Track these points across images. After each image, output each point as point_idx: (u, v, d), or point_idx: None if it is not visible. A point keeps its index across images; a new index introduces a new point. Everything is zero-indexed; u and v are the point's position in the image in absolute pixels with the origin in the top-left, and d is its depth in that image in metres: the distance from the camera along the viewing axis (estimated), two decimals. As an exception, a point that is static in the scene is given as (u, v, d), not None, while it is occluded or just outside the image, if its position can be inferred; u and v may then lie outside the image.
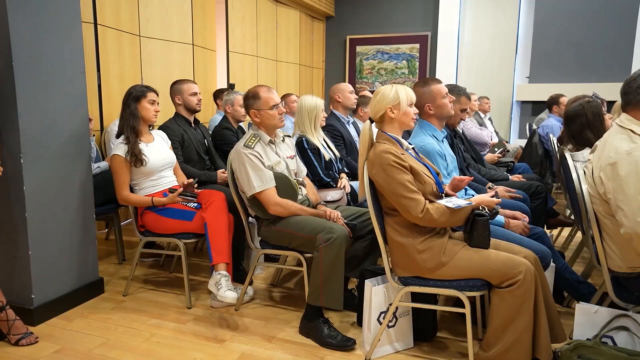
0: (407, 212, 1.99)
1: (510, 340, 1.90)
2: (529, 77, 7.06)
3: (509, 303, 1.90)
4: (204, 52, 5.15)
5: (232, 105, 3.69)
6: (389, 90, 2.13)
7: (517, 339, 1.90)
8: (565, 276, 2.52)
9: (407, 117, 2.15)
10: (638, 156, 1.79)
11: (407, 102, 2.14)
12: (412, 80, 7.57)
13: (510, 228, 2.35)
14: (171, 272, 3.27)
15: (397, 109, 2.12)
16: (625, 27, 6.42)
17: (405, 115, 2.14)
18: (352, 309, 2.61)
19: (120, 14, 4.10)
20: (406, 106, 2.14)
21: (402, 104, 2.12)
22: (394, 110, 2.12)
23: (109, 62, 4.01)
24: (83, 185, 2.75)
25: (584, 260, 3.38)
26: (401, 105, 2.12)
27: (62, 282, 2.66)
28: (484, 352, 1.98)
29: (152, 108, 2.78)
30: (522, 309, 1.90)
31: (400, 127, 2.17)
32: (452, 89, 2.96)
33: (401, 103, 2.12)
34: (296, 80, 7.18)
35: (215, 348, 2.30)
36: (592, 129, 2.84)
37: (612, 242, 1.97)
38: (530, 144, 4.57)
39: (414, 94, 2.18)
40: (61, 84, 2.58)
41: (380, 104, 2.13)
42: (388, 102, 2.12)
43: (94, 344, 2.32)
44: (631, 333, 1.92)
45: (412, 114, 2.16)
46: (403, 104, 2.13)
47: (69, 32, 2.60)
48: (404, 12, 7.55)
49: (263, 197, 2.47)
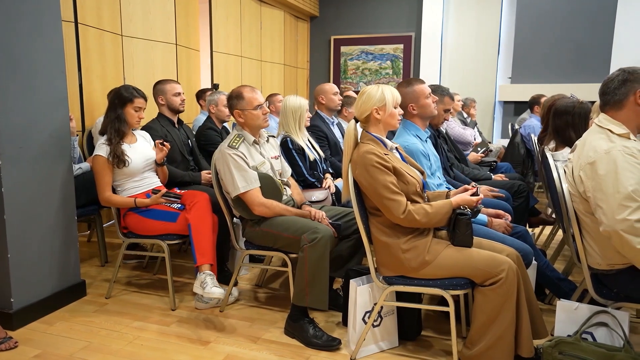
0: (389, 212, 2.00)
1: (494, 337, 1.92)
2: (511, 77, 7.15)
3: (492, 301, 1.93)
4: (187, 52, 5.11)
5: (216, 105, 3.67)
6: (375, 91, 2.12)
7: (500, 336, 1.92)
8: (546, 274, 2.56)
9: (392, 119, 2.16)
10: (616, 155, 1.83)
11: (393, 104, 2.14)
12: (396, 81, 7.61)
13: (493, 227, 2.38)
14: (155, 274, 3.24)
15: (383, 110, 2.13)
16: (604, 29, 6.55)
17: (390, 117, 2.15)
18: (338, 309, 2.61)
19: (102, 13, 4.04)
20: (392, 107, 2.14)
21: (388, 105, 2.13)
22: (379, 111, 2.13)
23: (91, 62, 3.95)
24: (64, 186, 2.70)
25: (565, 258, 3.43)
26: (387, 107, 2.13)
27: (43, 285, 2.62)
28: (468, 350, 2.00)
29: (136, 115, 2.76)
30: (505, 306, 1.92)
31: (385, 127, 2.18)
32: (436, 89, 2.98)
33: (387, 105, 2.12)
34: (280, 81, 7.17)
35: (200, 350, 2.28)
36: (575, 129, 2.89)
37: (592, 239, 2.00)
38: (513, 144, 4.62)
39: (399, 95, 2.18)
40: (41, 83, 2.54)
41: (366, 105, 2.13)
42: (374, 103, 2.12)
43: (76, 348, 2.29)
44: (610, 329, 1.96)
45: (397, 115, 2.17)
46: (389, 105, 2.13)
47: (48, 31, 2.56)
48: (388, 13, 7.59)
49: (247, 197, 2.46)
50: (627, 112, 1.94)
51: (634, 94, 1.91)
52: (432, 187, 2.50)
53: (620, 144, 1.86)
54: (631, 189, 1.76)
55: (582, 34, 6.66)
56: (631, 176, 1.78)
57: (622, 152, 1.83)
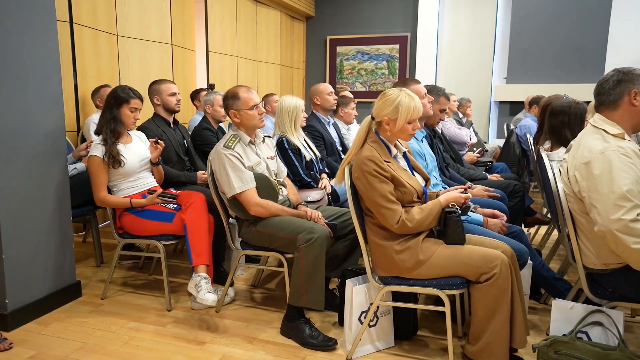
0: (385, 220, 2.02)
1: (494, 331, 1.95)
2: (506, 77, 7.18)
3: (489, 296, 1.94)
4: (183, 52, 5.10)
5: (212, 105, 3.67)
6: (392, 100, 2.03)
7: (498, 329, 1.95)
8: (542, 273, 2.57)
9: (402, 133, 2.06)
10: (611, 155, 1.84)
11: (407, 119, 2.03)
12: (391, 81, 7.63)
13: (489, 227, 2.39)
14: (150, 275, 3.23)
15: (393, 124, 2.05)
16: (599, 30, 6.58)
17: (400, 131, 2.05)
18: (333, 309, 2.61)
19: (97, 13, 4.03)
20: (404, 122, 2.03)
21: (399, 120, 2.02)
22: (389, 123, 2.05)
23: (86, 62, 3.94)
24: (59, 187, 2.69)
25: (560, 258, 3.44)
26: (397, 122, 2.03)
27: (38, 286, 2.61)
28: (471, 346, 2.03)
29: (132, 115, 2.76)
30: (501, 300, 1.94)
31: (393, 138, 2.11)
32: (431, 89, 2.99)
33: (398, 119, 2.02)
34: (276, 81, 7.16)
35: (196, 350, 2.28)
36: (571, 129, 2.90)
37: (587, 239, 2.01)
38: (508, 144, 4.64)
39: (418, 109, 2.04)
40: (36, 83, 2.53)
41: (381, 110, 2.06)
42: (387, 112, 2.04)
43: (71, 349, 2.28)
44: (605, 328, 1.97)
45: (410, 130, 2.05)
46: (400, 120, 2.02)
47: (43, 30, 2.55)
48: (383, 13, 7.60)
49: (243, 197, 2.46)
50: (622, 113, 1.95)
51: (629, 94, 1.92)
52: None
53: (614, 144, 1.87)
54: (625, 188, 1.77)
55: (577, 35, 6.69)
56: (626, 176, 1.79)
57: (616, 152, 1.83)
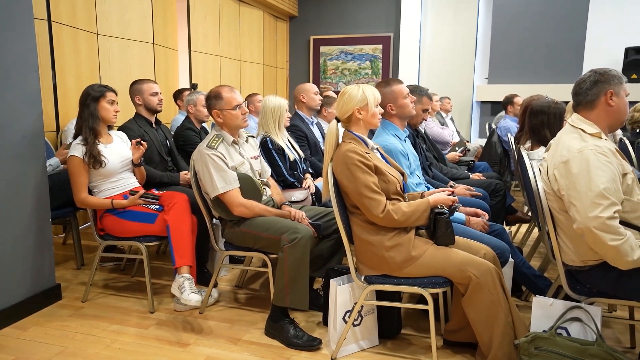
0: (368, 211, 2.02)
1: (499, 335, 1.98)
2: (487, 78, 7.26)
3: (481, 304, 1.98)
4: (165, 51, 5.04)
5: (195, 105, 3.64)
6: (356, 91, 2.14)
7: (502, 332, 1.98)
8: (523, 271, 2.61)
9: (374, 118, 2.19)
10: (588, 154, 1.87)
11: (375, 103, 2.17)
12: (375, 81, 7.66)
13: (471, 225, 2.42)
14: (133, 277, 3.19)
15: (365, 110, 2.15)
16: (576, 32, 6.71)
17: (372, 116, 2.18)
18: (318, 309, 2.61)
19: (76, 11, 3.96)
20: (374, 107, 2.17)
21: (370, 105, 2.15)
22: (361, 111, 2.15)
23: (65, 61, 3.87)
24: (37, 187, 2.64)
25: (540, 255, 3.50)
26: (369, 107, 2.15)
27: (16, 289, 2.55)
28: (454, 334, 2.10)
29: (111, 108, 2.72)
30: (495, 304, 1.97)
31: (366, 127, 2.20)
32: (414, 89, 3.01)
33: (369, 104, 2.15)
34: (260, 80, 7.14)
35: (179, 352, 2.26)
36: (550, 129, 2.95)
37: (566, 236, 2.05)
38: (490, 143, 4.69)
39: (379, 94, 2.21)
40: (13, 82, 2.47)
41: (348, 105, 2.15)
42: (355, 103, 2.14)
43: (51, 353, 2.24)
44: (583, 324, 2.00)
45: (378, 114, 2.20)
46: (371, 105, 2.16)
47: (20, 28, 2.50)
48: (367, 13, 7.63)
49: (227, 198, 2.45)
50: (599, 112, 1.99)
51: (605, 94, 1.96)
52: (411, 186, 2.52)
53: (592, 143, 1.91)
54: (603, 187, 1.81)
55: (555, 36, 6.82)
56: (603, 175, 1.83)
57: (594, 152, 1.87)
